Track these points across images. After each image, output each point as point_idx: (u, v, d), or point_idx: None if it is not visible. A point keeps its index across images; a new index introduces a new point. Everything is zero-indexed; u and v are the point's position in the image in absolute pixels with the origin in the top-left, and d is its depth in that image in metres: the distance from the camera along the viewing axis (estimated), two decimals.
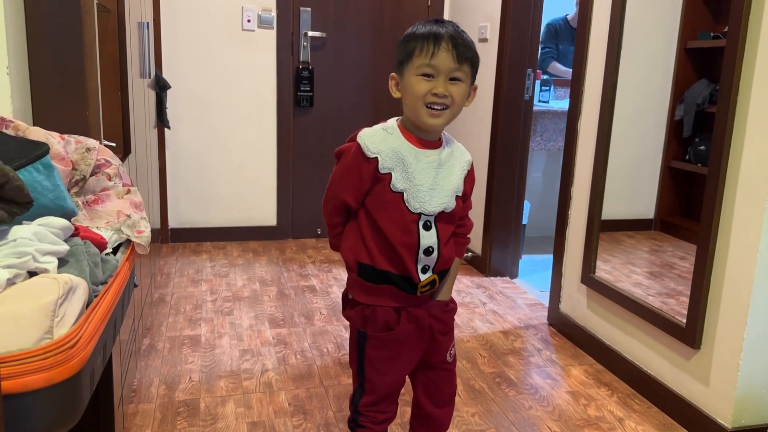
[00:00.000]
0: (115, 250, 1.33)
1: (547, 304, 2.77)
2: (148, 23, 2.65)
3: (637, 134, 2.48)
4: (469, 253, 3.47)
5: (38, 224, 1.03)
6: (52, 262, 0.99)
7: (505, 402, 2.05)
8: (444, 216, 1.31)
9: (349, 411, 1.45)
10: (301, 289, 3.02)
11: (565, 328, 2.59)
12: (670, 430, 1.92)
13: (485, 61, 3.19)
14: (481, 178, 3.30)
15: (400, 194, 1.26)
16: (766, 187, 1.64)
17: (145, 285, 2.42)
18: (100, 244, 1.22)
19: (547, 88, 3.80)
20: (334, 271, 3.31)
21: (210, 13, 3.49)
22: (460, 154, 1.36)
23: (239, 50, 3.57)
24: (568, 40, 3.95)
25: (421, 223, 1.29)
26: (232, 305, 2.77)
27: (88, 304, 1.01)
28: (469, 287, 3.16)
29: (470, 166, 1.38)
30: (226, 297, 2.87)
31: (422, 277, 1.32)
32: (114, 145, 1.93)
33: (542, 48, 3.83)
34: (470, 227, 1.44)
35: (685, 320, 1.90)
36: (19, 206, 0.98)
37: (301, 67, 3.65)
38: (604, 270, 2.36)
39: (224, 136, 3.65)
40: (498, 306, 2.91)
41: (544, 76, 3.85)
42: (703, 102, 2.34)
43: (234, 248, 3.63)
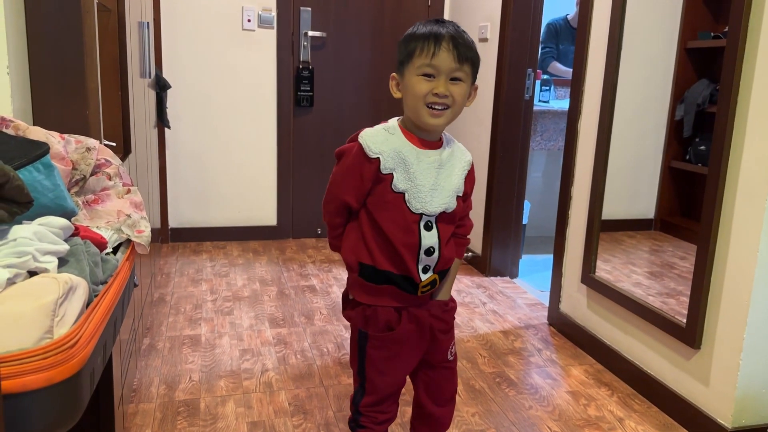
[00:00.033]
0: (115, 250, 1.33)
1: (547, 304, 2.77)
2: (148, 23, 2.65)
3: (638, 134, 2.48)
4: (470, 253, 3.47)
5: (38, 224, 1.03)
6: (52, 262, 0.99)
7: (505, 402, 2.05)
8: (445, 216, 1.31)
9: (350, 411, 1.45)
10: (302, 288, 3.02)
11: (565, 328, 2.59)
12: (670, 430, 1.92)
13: (485, 61, 3.19)
14: (482, 178, 3.30)
15: (402, 195, 1.26)
16: (766, 187, 1.64)
17: (145, 285, 2.41)
18: (100, 244, 1.22)
19: (548, 88, 3.80)
20: (334, 270, 3.31)
21: (210, 13, 3.49)
22: (461, 154, 1.36)
23: (239, 50, 3.57)
24: (569, 40, 3.95)
25: (422, 224, 1.29)
26: (232, 305, 2.77)
27: (88, 304, 1.01)
28: (469, 287, 3.15)
29: (471, 166, 1.37)
30: (226, 297, 2.87)
31: (423, 277, 1.32)
32: (114, 144, 1.93)
33: (542, 48, 3.83)
34: (470, 228, 1.44)
35: (685, 320, 1.90)
36: (20, 206, 0.98)
37: (301, 66, 3.65)
38: (605, 270, 2.36)
39: (224, 136, 3.65)
40: (498, 306, 2.91)
41: (545, 76, 3.85)
42: (703, 102, 2.34)
43: (234, 248, 3.63)
